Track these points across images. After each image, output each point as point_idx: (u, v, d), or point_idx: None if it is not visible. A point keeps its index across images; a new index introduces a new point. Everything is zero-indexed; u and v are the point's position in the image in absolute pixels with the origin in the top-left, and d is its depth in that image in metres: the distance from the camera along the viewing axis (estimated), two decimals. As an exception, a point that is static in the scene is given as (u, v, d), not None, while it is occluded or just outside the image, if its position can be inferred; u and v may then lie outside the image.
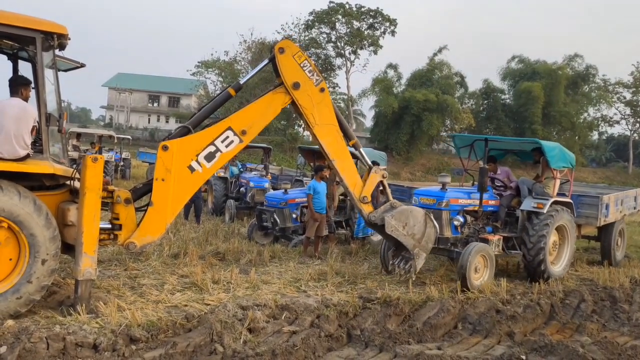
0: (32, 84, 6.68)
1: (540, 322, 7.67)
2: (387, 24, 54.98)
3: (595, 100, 60.91)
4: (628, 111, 62.90)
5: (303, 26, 54.70)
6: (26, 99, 6.55)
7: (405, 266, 8.68)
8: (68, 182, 6.79)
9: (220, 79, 55.37)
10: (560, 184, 10.55)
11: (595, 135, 68.36)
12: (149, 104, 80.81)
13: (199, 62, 56.64)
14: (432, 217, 8.76)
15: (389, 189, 8.90)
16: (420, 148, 55.70)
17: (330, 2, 53.95)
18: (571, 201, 10.51)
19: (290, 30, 54.87)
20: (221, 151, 7.25)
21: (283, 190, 12.93)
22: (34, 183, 6.46)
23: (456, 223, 9.63)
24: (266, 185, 16.49)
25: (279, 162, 40.22)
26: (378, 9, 54.21)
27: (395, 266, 8.86)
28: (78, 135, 27.06)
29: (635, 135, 65.35)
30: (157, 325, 6.00)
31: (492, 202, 10.14)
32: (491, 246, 9.34)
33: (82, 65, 8.18)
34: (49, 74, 6.63)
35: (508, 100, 60.55)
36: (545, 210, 9.65)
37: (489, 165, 10.35)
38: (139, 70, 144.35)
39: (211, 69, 55.77)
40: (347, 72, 56.40)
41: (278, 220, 12.22)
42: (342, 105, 56.13)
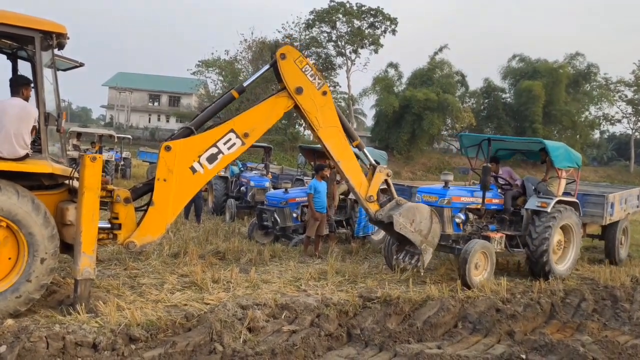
0: (32, 84, 6.68)
1: (541, 321, 7.65)
2: (388, 23, 54.98)
3: (597, 98, 60.82)
4: (630, 110, 62.90)
5: (304, 25, 54.76)
6: (27, 98, 6.55)
7: (411, 260, 9.02)
8: (67, 182, 6.79)
9: (220, 78, 55.45)
10: (567, 183, 10.61)
11: (596, 134, 68.39)
12: (150, 104, 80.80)
13: (199, 61, 56.80)
14: (437, 213, 8.96)
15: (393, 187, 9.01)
16: (421, 147, 55.71)
17: (331, 1, 53.97)
18: (577, 201, 10.52)
19: (290, 29, 54.98)
20: (223, 153, 7.29)
21: (283, 190, 12.91)
22: (33, 182, 6.45)
23: (458, 220, 9.72)
24: (267, 184, 16.49)
25: (280, 162, 40.27)
26: (379, 7, 54.28)
27: (400, 261, 9.14)
28: (78, 135, 27.06)
29: (636, 133, 65.28)
30: (156, 325, 5.99)
31: (495, 201, 10.21)
32: (493, 244, 9.39)
33: (81, 65, 8.17)
34: (48, 73, 6.62)
35: (509, 99, 60.52)
36: (549, 210, 9.69)
37: (491, 165, 10.38)
38: (140, 69, 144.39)
39: (212, 68, 55.82)
40: (348, 71, 56.46)
41: (278, 219, 12.21)
42: (343, 104, 56.11)
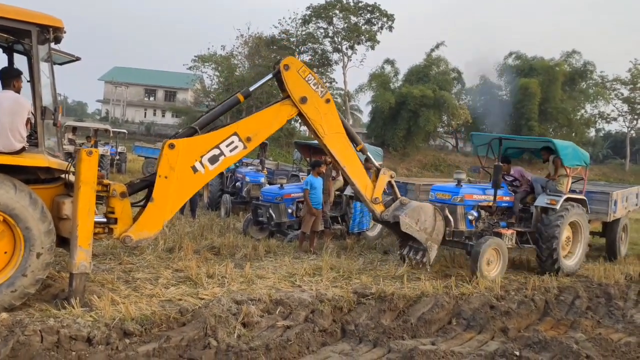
0: (23, 75, 6.65)
1: (535, 318, 7.69)
2: (385, 19, 54.81)
3: (593, 96, 60.85)
4: (625, 108, 62.94)
5: (300, 21, 54.57)
6: (18, 90, 6.52)
7: (415, 256, 9.45)
8: (63, 176, 6.78)
9: (217, 73, 55.19)
10: (574, 181, 10.95)
11: (592, 132, 68.38)
12: (145, 98, 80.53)
13: (195, 56, 56.37)
14: (440, 211, 9.31)
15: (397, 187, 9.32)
16: (417, 144, 55.65)
17: (328, -3, 53.78)
18: (584, 198, 10.84)
19: (287, 25, 54.79)
20: (225, 155, 7.46)
21: (279, 185, 12.92)
22: (29, 176, 6.44)
23: (470, 217, 10.00)
24: (262, 180, 16.50)
25: (275, 157, 40.22)
26: (375, 4, 54.04)
27: (405, 256, 9.68)
28: (74, 129, 27.03)
29: (632, 132, 65.44)
30: (151, 319, 6.01)
31: (506, 198, 10.51)
32: (504, 240, 9.67)
33: (78, 59, 8.15)
34: (44, 67, 6.59)
35: (505, 97, 60.50)
36: (558, 207, 10.00)
37: (503, 164, 10.66)
38: (136, 64, 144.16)
39: (208, 64, 55.50)
40: (344, 67, 56.27)
41: (274, 215, 12.23)
42: (339, 100, 55.95)
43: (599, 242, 13.29)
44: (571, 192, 10.70)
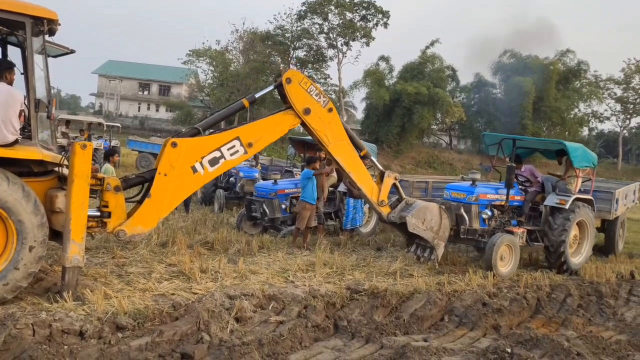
0: (15, 67, 6.62)
1: (526, 316, 7.73)
2: (380, 16, 54.72)
3: (586, 96, 61.04)
4: (618, 107, 63.22)
5: (295, 16, 54.46)
6: (10, 82, 6.48)
7: (423, 253, 9.74)
8: (56, 169, 6.76)
9: (211, 68, 55.07)
10: (583, 181, 11.12)
11: (585, 131, 68.54)
12: (139, 92, 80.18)
13: (190, 50, 56.21)
14: (444, 209, 9.57)
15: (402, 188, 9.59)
16: (411, 141, 55.67)
17: (323, -7, 53.65)
18: (592, 198, 11.06)
19: (282, 20, 54.67)
20: (225, 158, 7.55)
21: (273, 181, 12.93)
22: (23, 169, 6.42)
23: (484, 216, 10.22)
24: (256, 175, 16.52)
25: (269, 153, 40.07)
26: (371, 0, 54.04)
27: (413, 254, 9.97)
28: (67, 122, 26.84)
29: (625, 131, 65.71)
30: (143, 314, 6.00)
31: (517, 197, 10.73)
32: (516, 238, 9.89)
33: (72, 52, 8.11)
34: (38, 59, 6.58)
35: (499, 95, 60.58)
36: (567, 206, 10.21)
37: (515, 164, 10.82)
38: (130, 57, 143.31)
39: (202, 58, 55.37)
40: (339, 63, 56.16)
41: (267, 210, 12.23)
42: (334, 96, 55.90)
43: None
44: (579, 191, 10.94)
